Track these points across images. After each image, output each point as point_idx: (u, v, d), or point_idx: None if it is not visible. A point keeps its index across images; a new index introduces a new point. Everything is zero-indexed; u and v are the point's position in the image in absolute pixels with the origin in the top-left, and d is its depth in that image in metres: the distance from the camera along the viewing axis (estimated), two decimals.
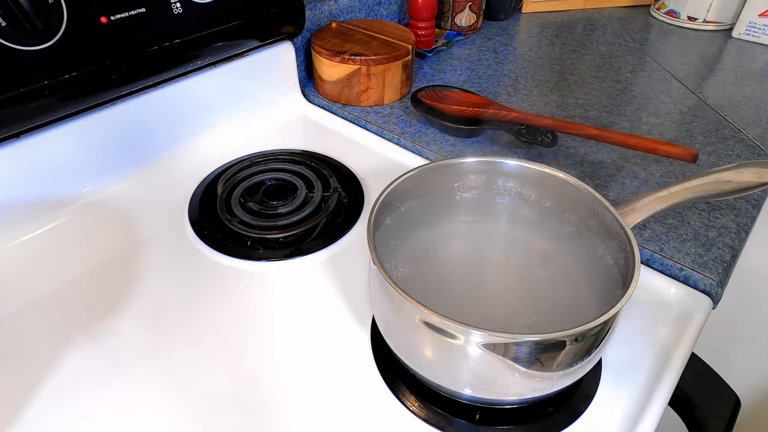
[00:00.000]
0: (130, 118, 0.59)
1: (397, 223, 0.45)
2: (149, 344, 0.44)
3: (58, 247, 0.53)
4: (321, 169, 0.62)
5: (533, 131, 0.65)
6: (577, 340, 0.33)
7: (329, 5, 0.79)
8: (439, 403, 0.40)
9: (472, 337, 0.33)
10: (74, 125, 0.55)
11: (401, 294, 0.34)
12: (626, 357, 0.44)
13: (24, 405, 0.40)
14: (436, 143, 0.67)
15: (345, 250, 0.54)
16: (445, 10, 0.94)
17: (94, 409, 0.40)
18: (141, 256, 0.53)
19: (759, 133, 0.70)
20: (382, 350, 0.44)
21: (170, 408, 0.40)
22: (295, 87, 0.76)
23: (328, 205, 0.57)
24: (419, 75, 0.83)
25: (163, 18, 0.56)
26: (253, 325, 0.46)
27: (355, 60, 0.71)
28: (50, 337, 0.45)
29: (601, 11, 1.08)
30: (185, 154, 0.65)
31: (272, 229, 0.54)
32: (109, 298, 0.48)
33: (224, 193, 0.58)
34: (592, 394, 0.41)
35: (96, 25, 0.51)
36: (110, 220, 0.57)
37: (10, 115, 0.48)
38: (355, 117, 0.73)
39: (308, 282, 0.50)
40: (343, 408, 0.40)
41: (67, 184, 0.57)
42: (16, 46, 0.46)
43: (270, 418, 0.40)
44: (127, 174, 0.61)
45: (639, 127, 0.71)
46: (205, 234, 0.54)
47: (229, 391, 0.41)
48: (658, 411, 0.40)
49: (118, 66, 0.54)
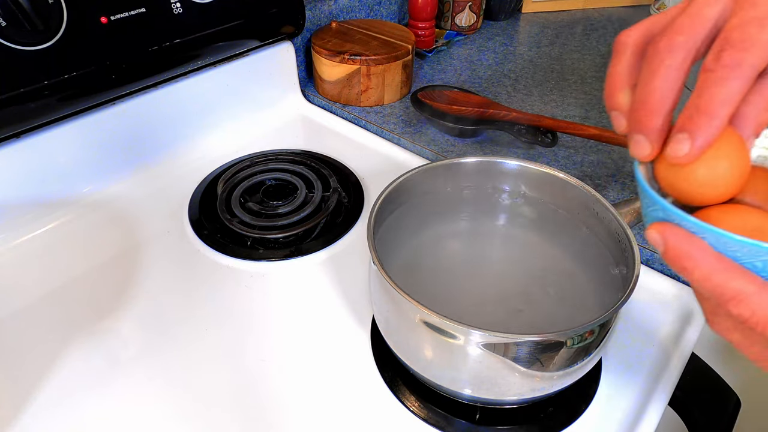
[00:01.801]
0: (130, 118, 0.59)
1: (397, 223, 0.44)
2: (149, 344, 0.44)
3: (58, 247, 0.53)
4: (321, 169, 0.62)
5: (533, 131, 0.65)
6: (577, 340, 0.33)
7: (329, 5, 0.79)
8: (439, 403, 0.40)
9: (472, 337, 0.33)
10: (74, 125, 0.55)
11: (401, 294, 0.34)
12: (626, 357, 0.44)
13: (24, 405, 0.40)
14: (436, 143, 0.67)
15: (345, 250, 0.54)
16: (445, 10, 0.94)
17: (94, 409, 0.40)
18: (141, 256, 0.53)
19: None
20: (382, 350, 0.44)
21: (170, 408, 0.40)
22: (295, 87, 0.76)
23: (328, 205, 0.57)
24: (419, 75, 0.83)
25: (163, 18, 0.56)
26: (253, 325, 0.46)
27: (355, 60, 0.71)
28: (50, 337, 0.45)
29: (601, 11, 1.08)
30: (185, 154, 0.65)
31: (272, 229, 0.54)
32: (109, 298, 0.48)
33: (224, 193, 0.58)
34: (592, 394, 0.41)
35: (96, 25, 0.51)
36: (110, 220, 0.57)
37: (10, 115, 0.48)
38: (355, 117, 0.73)
39: (308, 282, 0.50)
40: (343, 408, 0.40)
41: (67, 184, 0.57)
42: (16, 46, 0.46)
43: (270, 417, 0.40)
44: (127, 174, 0.61)
45: None
46: (205, 234, 0.54)
47: (229, 390, 0.41)
48: (658, 411, 0.40)
49: (118, 66, 0.54)
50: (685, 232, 0.24)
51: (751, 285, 0.23)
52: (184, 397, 0.41)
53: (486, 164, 0.46)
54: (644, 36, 0.26)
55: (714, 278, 0.23)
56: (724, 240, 0.23)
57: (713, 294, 0.24)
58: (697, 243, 0.24)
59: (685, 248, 0.24)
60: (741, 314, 0.23)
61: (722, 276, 0.23)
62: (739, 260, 0.24)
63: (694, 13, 0.24)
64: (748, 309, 0.23)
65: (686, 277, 0.25)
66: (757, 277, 0.23)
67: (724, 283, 0.23)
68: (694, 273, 0.24)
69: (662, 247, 0.25)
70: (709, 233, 0.23)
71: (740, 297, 0.23)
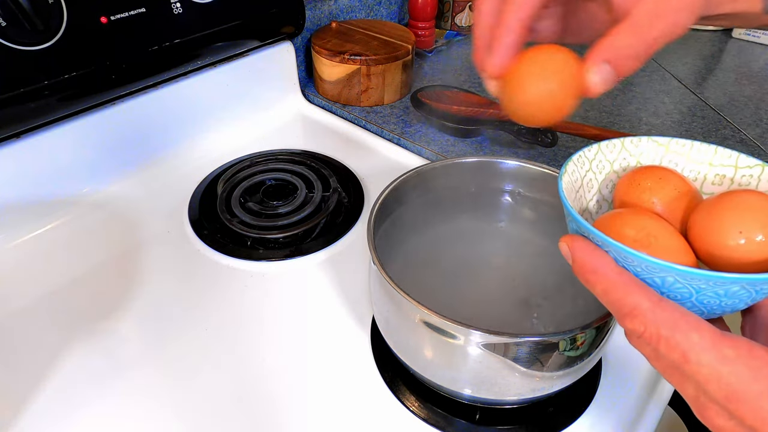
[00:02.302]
0: (130, 118, 0.59)
1: (397, 223, 0.44)
2: (149, 344, 0.44)
3: (58, 247, 0.53)
4: (321, 169, 0.62)
5: (533, 131, 0.65)
6: (576, 340, 0.33)
7: (329, 5, 0.79)
8: (439, 403, 0.40)
9: (472, 337, 0.33)
10: (74, 125, 0.55)
11: (401, 294, 0.34)
12: (626, 357, 0.44)
13: (24, 405, 0.40)
14: (436, 143, 0.67)
15: (345, 250, 0.54)
16: (445, 10, 0.94)
17: (95, 408, 0.40)
18: (141, 256, 0.53)
19: (759, 133, 0.70)
20: (382, 350, 0.44)
21: (170, 408, 0.40)
22: (295, 87, 0.76)
23: (328, 205, 0.57)
24: (419, 75, 0.83)
25: (163, 18, 0.56)
26: (253, 325, 0.46)
27: (355, 60, 0.71)
28: (50, 337, 0.45)
29: None
30: (185, 154, 0.65)
31: (272, 229, 0.54)
32: (109, 298, 0.48)
33: (224, 193, 0.58)
34: (592, 394, 0.41)
35: (96, 25, 0.51)
36: (110, 220, 0.57)
37: (10, 115, 0.48)
38: (355, 117, 0.73)
39: (308, 282, 0.50)
40: (343, 408, 0.40)
41: (67, 184, 0.57)
42: (16, 46, 0.46)
43: (270, 417, 0.40)
44: (127, 174, 0.61)
45: (639, 127, 0.71)
46: (205, 234, 0.54)
47: (229, 390, 0.41)
48: (658, 411, 0.40)
49: (118, 66, 0.54)
50: (592, 245, 0.25)
51: (646, 301, 0.23)
52: (185, 396, 0.40)
53: (486, 164, 0.46)
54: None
55: (613, 293, 0.24)
56: (624, 254, 0.23)
57: (612, 308, 0.24)
58: (600, 257, 0.24)
59: (589, 262, 0.25)
60: (635, 329, 0.23)
61: (621, 291, 0.24)
62: (639, 275, 0.24)
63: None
64: (641, 325, 0.23)
65: (591, 290, 0.25)
66: (653, 293, 0.23)
67: (622, 298, 0.23)
68: (596, 287, 0.25)
69: (570, 260, 0.26)
70: (613, 248, 0.24)
71: (635, 312, 0.23)
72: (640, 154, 0.32)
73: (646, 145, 0.32)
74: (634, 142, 0.32)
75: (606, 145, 0.31)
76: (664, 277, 0.23)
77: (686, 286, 0.23)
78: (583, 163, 0.31)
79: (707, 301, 0.24)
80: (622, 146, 0.32)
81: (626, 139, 0.32)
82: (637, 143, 0.32)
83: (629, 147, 0.32)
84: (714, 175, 0.31)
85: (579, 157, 0.31)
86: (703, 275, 0.22)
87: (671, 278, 0.23)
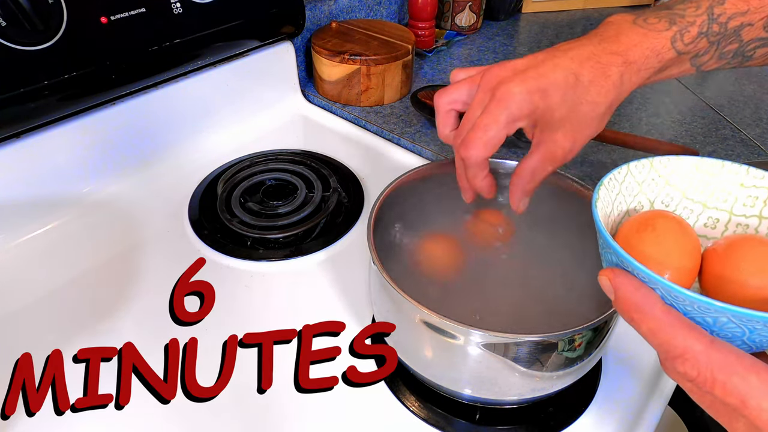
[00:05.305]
0: (130, 118, 0.59)
1: (397, 223, 0.44)
2: (149, 344, 0.44)
3: (58, 247, 0.53)
4: (321, 169, 0.62)
5: None
6: (577, 340, 0.33)
7: (329, 5, 0.79)
8: (439, 403, 0.40)
9: (472, 337, 0.33)
10: (74, 125, 0.55)
11: (401, 294, 0.34)
12: (626, 357, 0.44)
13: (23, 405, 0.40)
14: (436, 143, 0.67)
15: (345, 250, 0.54)
16: (445, 10, 0.94)
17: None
18: (141, 256, 0.53)
19: (759, 133, 0.70)
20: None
21: (170, 408, 0.40)
22: (295, 87, 0.76)
23: (328, 205, 0.57)
24: (419, 75, 0.83)
25: (163, 18, 0.56)
26: (253, 325, 0.46)
27: (355, 60, 0.71)
28: (50, 337, 0.44)
29: (601, 11, 1.08)
30: (185, 154, 0.65)
31: (272, 229, 0.54)
32: (109, 298, 0.48)
33: (224, 193, 0.58)
34: (592, 394, 0.41)
35: (96, 25, 0.51)
36: (110, 220, 0.57)
37: (10, 115, 0.48)
38: (355, 117, 0.73)
39: (308, 282, 0.50)
40: (343, 408, 0.40)
41: (67, 184, 0.57)
42: (16, 46, 0.46)
43: (270, 417, 0.40)
44: (127, 174, 0.61)
45: (639, 127, 0.71)
46: (205, 234, 0.54)
47: (229, 391, 0.41)
48: (658, 411, 0.40)
49: (118, 66, 0.54)
50: (636, 281, 0.24)
51: (698, 344, 0.22)
52: (184, 396, 0.40)
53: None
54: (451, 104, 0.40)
55: (661, 334, 0.23)
56: (674, 293, 0.23)
57: (660, 350, 0.23)
58: (646, 295, 0.24)
59: (634, 300, 0.24)
60: (687, 373, 0.22)
61: (669, 332, 0.23)
62: (689, 315, 0.23)
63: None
64: (694, 369, 0.22)
65: (635, 329, 0.24)
66: (705, 334, 0.22)
67: (671, 340, 0.23)
68: (641, 326, 0.24)
69: (612, 296, 0.25)
70: (661, 285, 0.23)
71: (686, 356, 0.22)
72: (670, 174, 0.31)
73: (676, 164, 0.31)
74: (663, 162, 0.31)
75: (635, 165, 0.31)
76: (717, 317, 0.22)
77: (740, 326, 0.22)
78: (613, 186, 0.30)
79: (758, 339, 0.23)
80: (651, 166, 0.31)
81: (655, 159, 0.31)
82: (666, 163, 0.31)
83: (658, 167, 0.31)
84: (746, 196, 0.30)
85: (609, 180, 0.30)
86: (762, 317, 0.21)
87: (725, 318, 0.22)
